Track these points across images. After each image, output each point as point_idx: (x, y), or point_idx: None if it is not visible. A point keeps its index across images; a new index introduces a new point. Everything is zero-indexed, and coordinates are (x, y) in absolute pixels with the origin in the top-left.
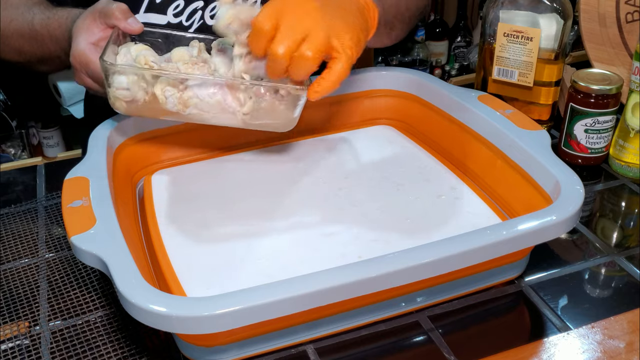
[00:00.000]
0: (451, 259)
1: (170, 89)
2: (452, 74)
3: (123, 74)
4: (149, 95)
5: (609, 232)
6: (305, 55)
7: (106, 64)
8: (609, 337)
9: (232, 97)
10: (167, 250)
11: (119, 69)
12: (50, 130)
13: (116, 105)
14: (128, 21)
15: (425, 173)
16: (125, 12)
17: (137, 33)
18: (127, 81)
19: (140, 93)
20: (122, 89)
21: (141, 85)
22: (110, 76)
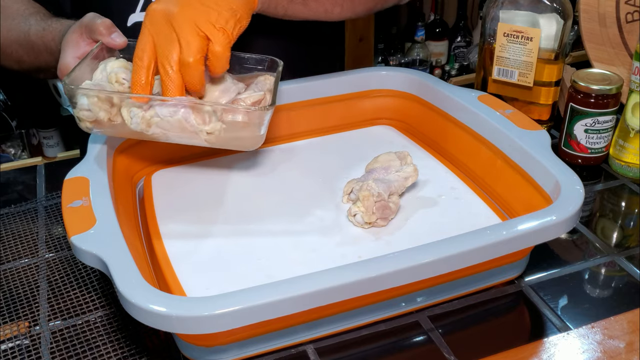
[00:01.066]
0: (451, 259)
1: (135, 109)
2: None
3: (83, 95)
4: (112, 116)
5: (609, 232)
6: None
7: (65, 86)
8: (609, 337)
9: (194, 116)
10: (167, 250)
11: (78, 92)
12: (50, 130)
13: (81, 125)
14: (111, 36)
15: (425, 173)
16: (109, 27)
17: (121, 48)
18: (88, 102)
19: (102, 114)
20: (84, 109)
21: (102, 106)
22: (73, 97)
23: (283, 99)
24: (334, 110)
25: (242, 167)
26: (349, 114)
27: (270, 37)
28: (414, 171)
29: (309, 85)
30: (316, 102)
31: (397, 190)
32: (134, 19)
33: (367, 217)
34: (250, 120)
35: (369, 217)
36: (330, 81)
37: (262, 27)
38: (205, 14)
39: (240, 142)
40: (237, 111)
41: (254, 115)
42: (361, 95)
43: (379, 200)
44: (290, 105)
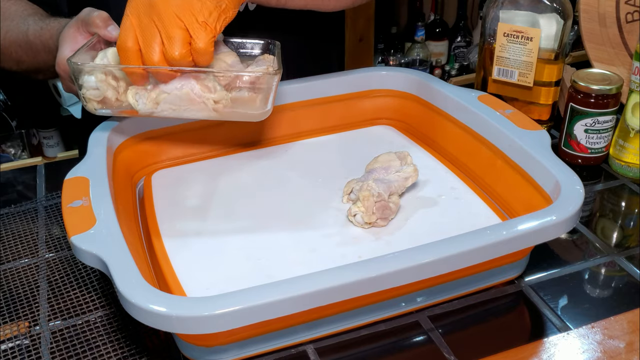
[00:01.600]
0: (451, 259)
1: (140, 92)
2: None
3: (90, 74)
4: (120, 95)
5: (609, 232)
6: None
7: (72, 64)
8: (609, 337)
9: (200, 87)
10: (167, 250)
11: (85, 68)
12: (50, 130)
13: (88, 106)
14: (108, 29)
15: (425, 173)
16: (105, 20)
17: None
18: (96, 80)
19: (110, 92)
20: (91, 88)
21: (110, 83)
22: (79, 77)
23: (283, 99)
24: (334, 110)
25: (242, 166)
26: (349, 114)
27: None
28: (414, 171)
29: (309, 85)
30: (316, 102)
31: (397, 190)
32: None
33: (367, 218)
34: (259, 84)
35: (369, 217)
36: (330, 81)
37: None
38: (187, 5)
39: (248, 112)
40: (244, 77)
41: (262, 80)
42: (361, 95)
43: (379, 201)
44: (290, 105)
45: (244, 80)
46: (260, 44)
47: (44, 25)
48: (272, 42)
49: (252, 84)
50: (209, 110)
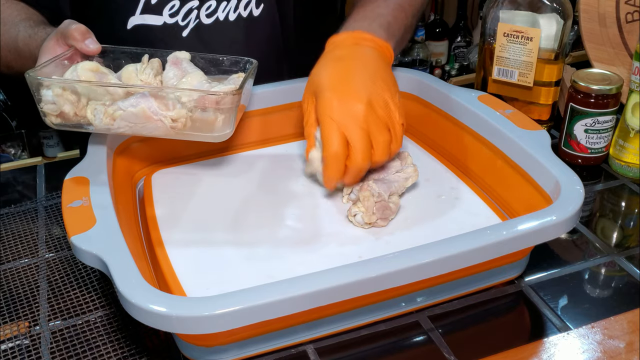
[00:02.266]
0: (451, 259)
1: (98, 106)
2: (452, 74)
3: (48, 87)
4: (79, 110)
5: (609, 232)
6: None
7: (29, 77)
8: (609, 337)
9: (158, 104)
10: (167, 250)
11: (43, 82)
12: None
13: (46, 120)
14: (85, 42)
15: (425, 173)
16: (83, 33)
17: (94, 54)
18: (52, 94)
19: (67, 106)
20: (48, 102)
21: (68, 98)
22: (36, 91)
23: (284, 99)
24: None
25: (243, 166)
26: None
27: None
28: (414, 172)
29: None
30: None
31: (397, 190)
32: (134, 21)
33: (368, 218)
34: (220, 104)
35: (369, 217)
36: None
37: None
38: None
39: (208, 132)
40: (204, 96)
41: (222, 100)
42: None
43: (379, 201)
44: (290, 105)
45: (204, 100)
46: (240, 62)
47: (33, 33)
48: (249, 60)
49: (216, 104)
50: (166, 129)
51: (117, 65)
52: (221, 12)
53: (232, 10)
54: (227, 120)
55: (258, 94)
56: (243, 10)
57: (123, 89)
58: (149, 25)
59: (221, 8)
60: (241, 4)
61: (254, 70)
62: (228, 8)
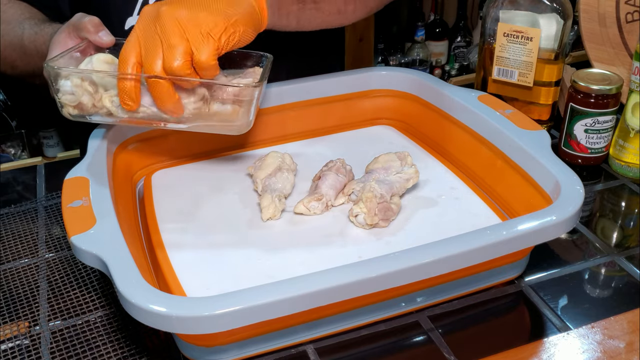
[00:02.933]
0: (451, 259)
1: (115, 97)
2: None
3: (67, 78)
4: (97, 101)
5: (609, 232)
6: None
7: (48, 67)
8: (609, 337)
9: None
10: (167, 250)
11: (62, 72)
12: (50, 130)
13: (64, 111)
14: (99, 34)
15: (425, 173)
16: (97, 25)
17: (108, 46)
18: (71, 84)
19: (86, 97)
20: (67, 93)
21: (86, 89)
22: (55, 81)
23: (283, 99)
24: (334, 110)
25: (243, 166)
26: (349, 114)
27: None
28: (415, 173)
29: (308, 85)
30: (316, 102)
31: (399, 191)
32: (131, 22)
33: (370, 219)
34: (239, 96)
35: (371, 218)
36: (330, 81)
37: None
38: (191, 16)
39: (227, 123)
40: (224, 88)
41: (242, 92)
42: (361, 95)
43: (381, 202)
44: (290, 105)
45: (224, 92)
46: (253, 56)
47: (39, 30)
48: (264, 54)
49: (234, 96)
50: (187, 112)
51: None
52: None
53: None
54: (247, 112)
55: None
56: None
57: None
58: None
59: None
60: None
61: (269, 64)
62: None
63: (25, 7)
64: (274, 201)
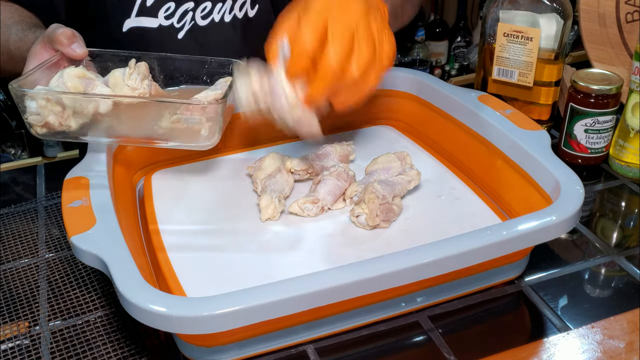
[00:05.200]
0: (451, 259)
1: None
2: (452, 74)
3: (32, 99)
4: (64, 120)
5: (609, 232)
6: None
7: (12, 89)
8: (609, 337)
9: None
10: (167, 250)
11: (27, 93)
12: None
13: (31, 130)
14: (72, 46)
15: (425, 173)
16: (70, 37)
17: (80, 59)
18: (37, 106)
19: (52, 117)
20: (32, 114)
21: (52, 109)
22: (21, 101)
23: None
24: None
25: (243, 166)
26: (349, 114)
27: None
28: (417, 175)
29: None
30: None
31: (400, 192)
32: (129, 24)
33: (371, 220)
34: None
35: (373, 219)
36: None
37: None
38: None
39: (193, 140)
40: (188, 106)
41: (204, 109)
42: None
43: (383, 203)
44: None
45: (185, 109)
46: (229, 64)
47: (24, 36)
48: (232, 61)
49: (199, 113)
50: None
51: (106, 68)
52: (216, 14)
53: (227, 12)
54: (213, 128)
55: None
56: (238, 11)
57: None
58: (145, 28)
59: (216, 9)
60: (236, 5)
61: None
62: (223, 9)
63: (16, 10)
64: (274, 202)
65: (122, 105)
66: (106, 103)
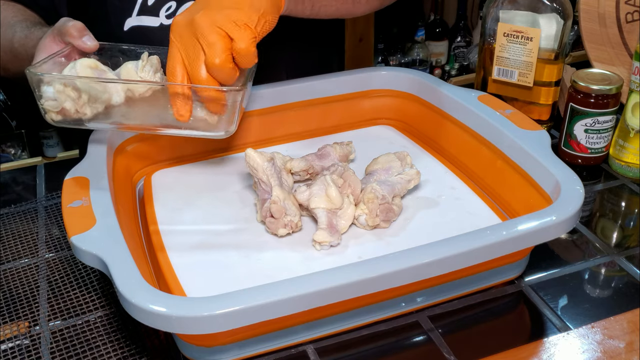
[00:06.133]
0: (451, 259)
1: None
2: (452, 74)
3: (49, 84)
4: (80, 107)
5: (609, 232)
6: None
7: (30, 74)
8: (609, 337)
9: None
10: (167, 250)
11: (44, 78)
12: (50, 130)
13: (47, 117)
14: (82, 39)
15: (425, 173)
16: (80, 30)
17: (92, 51)
18: (54, 90)
19: (69, 103)
20: (49, 99)
21: (69, 94)
22: (37, 87)
23: (283, 99)
24: (334, 110)
25: (242, 167)
26: (349, 114)
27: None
28: (416, 174)
29: (308, 85)
30: (316, 102)
31: (400, 192)
32: (131, 23)
33: (371, 220)
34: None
35: (373, 220)
36: (330, 81)
37: None
38: (225, 14)
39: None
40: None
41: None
42: (361, 95)
43: (383, 203)
44: (290, 105)
45: (205, 96)
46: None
47: (29, 33)
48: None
49: (216, 100)
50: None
51: (115, 63)
52: None
53: None
54: (230, 117)
55: (257, 94)
56: None
57: (123, 85)
58: (146, 27)
59: None
60: None
61: (253, 68)
62: None
63: (19, 10)
64: None
65: (136, 95)
66: (118, 95)
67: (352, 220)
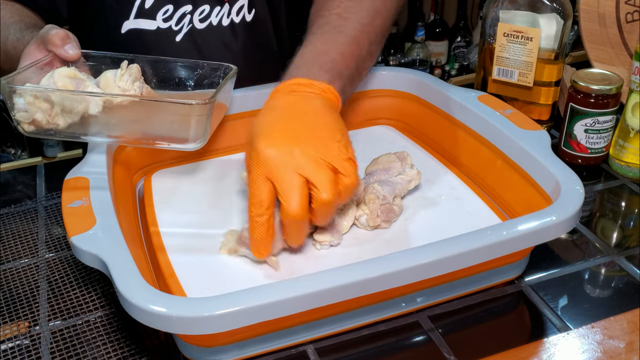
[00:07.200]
0: (451, 259)
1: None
2: (452, 74)
3: (20, 95)
4: (52, 118)
5: (609, 232)
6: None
7: (1, 85)
8: (609, 337)
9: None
10: (167, 250)
11: (16, 89)
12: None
13: (19, 128)
14: (64, 47)
15: (426, 173)
16: (63, 38)
17: (73, 60)
18: (24, 102)
19: (40, 115)
20: (20, 110)
21: (40, 106)
22: (9, 98)
23: None
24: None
25: (243, 166)
26: (349, 114)
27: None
28: (417, 174)
29: None
30: None
31: (401, 192)
32: (128, 25)
33: (372, 221)
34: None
35: (374, 220)
36: None
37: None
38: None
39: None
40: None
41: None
42: (361, 95)
43: (384, 203)
44: None
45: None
46: (220, 68)
47: (21, 36)
48: (227, 66)
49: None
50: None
51: (99, 70)
52: (214, 17)
53: (225, 16)
54: (201, 129)
55: (257, 94)
56: (235, 15)
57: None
58: (143, 30)
59: (214, 13)
60: (234, 9)
61: (232, 76)
62: (221, 13)
63: (17, 10)
64: None
65: (111, 106)
66: (96, 105)
67: (353, 220)
